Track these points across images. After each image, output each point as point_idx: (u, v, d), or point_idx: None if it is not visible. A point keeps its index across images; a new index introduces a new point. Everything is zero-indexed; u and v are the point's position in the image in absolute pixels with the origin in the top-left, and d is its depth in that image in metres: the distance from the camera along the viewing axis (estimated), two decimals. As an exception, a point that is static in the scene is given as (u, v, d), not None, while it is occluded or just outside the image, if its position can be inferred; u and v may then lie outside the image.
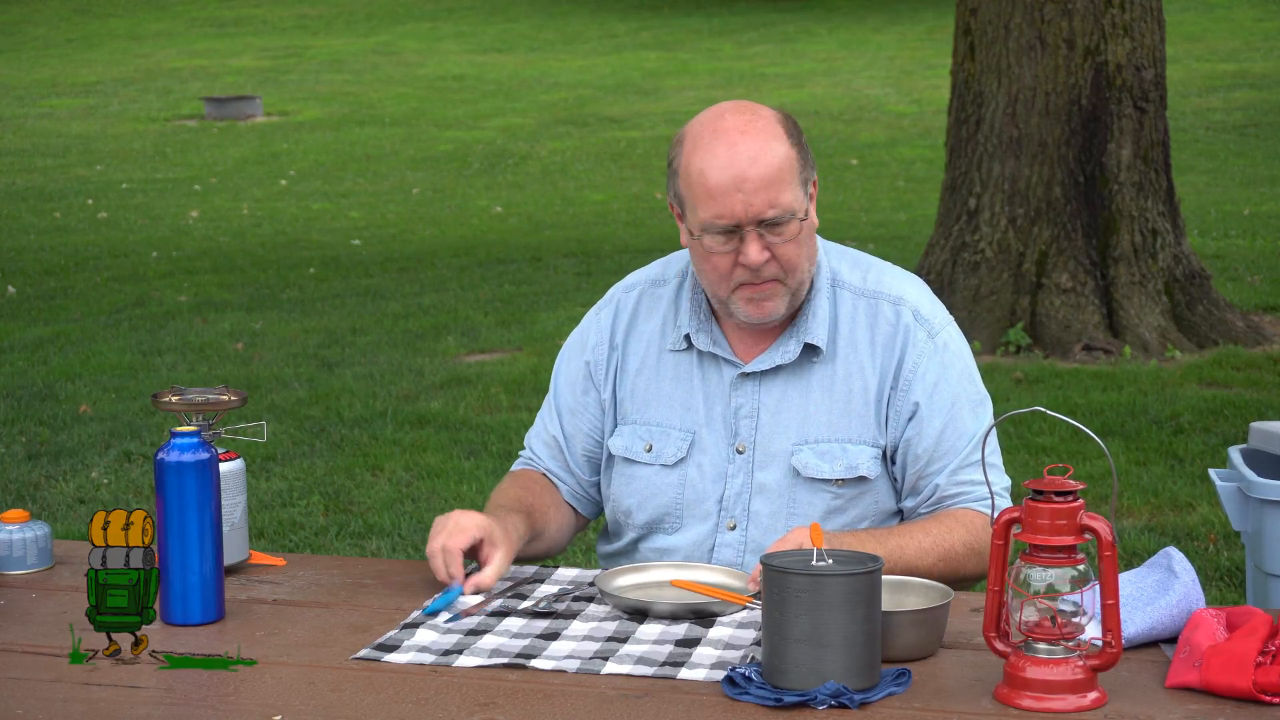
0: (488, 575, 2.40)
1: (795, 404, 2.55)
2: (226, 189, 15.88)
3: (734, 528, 2.56)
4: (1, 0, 31.75)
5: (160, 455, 2.30)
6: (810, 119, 18.07)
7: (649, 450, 2.59)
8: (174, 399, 2.48)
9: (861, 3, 28.53)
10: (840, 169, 15.83)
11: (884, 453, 2.55)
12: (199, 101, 21.20)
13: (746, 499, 2.55)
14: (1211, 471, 3.67)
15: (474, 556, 2.44)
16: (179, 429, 2.32)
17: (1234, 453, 3.62)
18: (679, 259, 2.68)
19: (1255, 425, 3.66)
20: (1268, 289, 9.21)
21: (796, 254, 2.47)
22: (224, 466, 2.45)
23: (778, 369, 2.55)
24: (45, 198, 15.40)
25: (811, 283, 2.55)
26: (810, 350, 2.55)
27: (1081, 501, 1.96)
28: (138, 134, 19.66)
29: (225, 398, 2.49)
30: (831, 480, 2.52)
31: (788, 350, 2.54)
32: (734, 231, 2.44)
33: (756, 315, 2.50)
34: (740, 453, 2.56)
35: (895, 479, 2.58)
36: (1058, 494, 1.95)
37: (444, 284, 10.26)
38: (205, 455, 2.31)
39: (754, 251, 2.44)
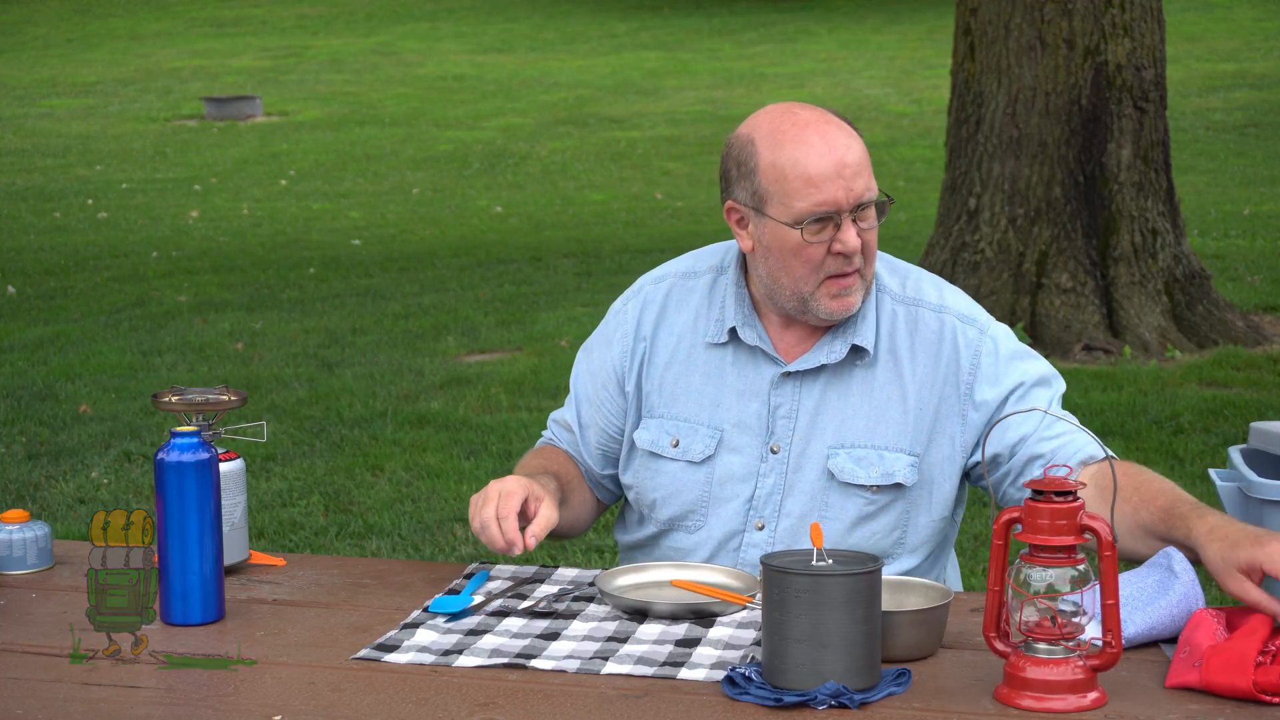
0: (540, 525, 2.40)
1: (834, 407, 2.52)
2: (226, 189, 15.88)
3: (762, 528, 2.53)
4: (2, 0, 31.75)
5: (160, 455, 2.30)
6: (810, 119, 18.04)
7: (675, 445, 2.56)
8: (174, 399, 2.48)
9: (861, 3, 28.53)
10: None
11: (920, 462, 2.50)
12: (199, 101, 21.20)
13: (778, 500, 2.52)
14: (1211, 471, 3.66)
15: (521, 516, 2.44)
16: (179, 429, 2.32)
17: (1234, 453, 3.61)
18: (710, 254, 2.65)
19: (1255, 425, 3.65)
20: (1268, 289, 9.21)
21: (874, 244, 2.48)
22: (224, 466, 2.45)
23: (820, 369, 2.52)
24: (45, 198, 15.40)
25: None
26: (855, 353, 2.52)
27: (1081, 501, 1.96)
28: (138, 134, 19.66)
29: (225, 398, 2.49)
30: (867, 486, 2.49)
31: (834, 351, 2.51)
32: (829, 219, 2.43)
33: (840, 310, 2.48)
34: (774, 453, 2.52)
35: (961, 484, 2.55)
36: (1058, 494, 1.95)
37: (444, 284, 10.26)
38: (205, 455, 2.31)
39: (851, 236, 2.43)
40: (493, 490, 2.43)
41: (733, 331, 2.55)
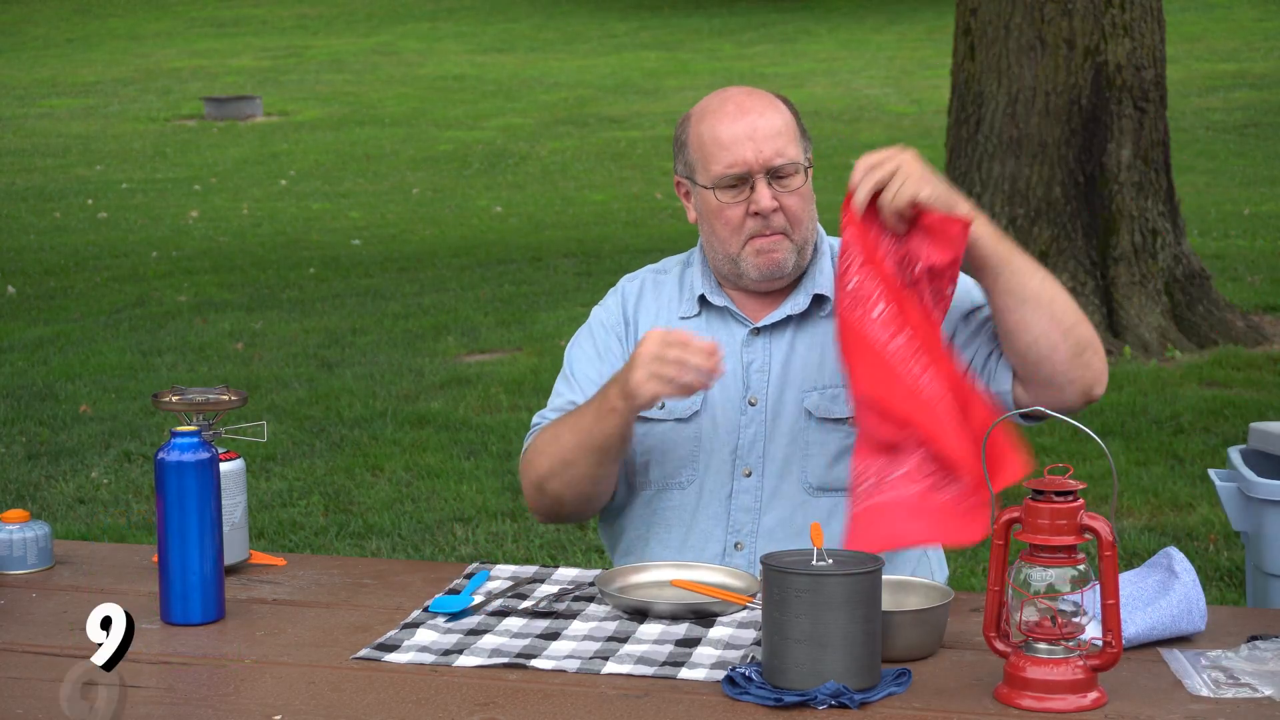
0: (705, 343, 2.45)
1: (802, 355, 2.65)
2: (226, 189, 15.88)
3: (749, 474, 2.63)
4: (2, 0, 31.75)
5: (160, 455, 2.30)
6: (810, 119, 17.99)
7: (661, 407, 2.64)
8: (174, 399, 2.48)
9: (861, 3, 28.53)
10: (840, 169, 15.77)
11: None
12: (199, 101, 21.20)
13: (761, 446, 2.62)
14: (1211, 472, 3.67)
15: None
16: (179, 429, 2.32)
17: (1234, 453, 3.62)
18: (675, 259, 2.82)
19: (1255, 425, 3.66)
20: (1268, 289, 9.21)
21: (801, 207, 2.61)
22: (224, 466, 2.45)
23: (787, 321, 2.66)
24: (45, 198, 15.40)
25: (815, 249, 2.68)
26: (818, 303, 2.66)
27: (1082, 501, 1.97)
28: (138, 134, 19.66)
29: (225, 398, 2.49)
30: (843, 420, 2.59)
31: (797, 303, 2.66)
32: (745, 180, 2.57)
33: (766, 266, 2.62)
34: (753, 404, 2.64)
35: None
36: (1058, 494, 1.95)
37: (444, 284, 10.26)
38: (205, 455, 2.31)
39: (764, 197, 2.58)
40: (656, 339, 2.45)
41: (702, 299, 2.70)
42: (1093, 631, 2.00)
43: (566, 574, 2.52)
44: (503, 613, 2.32)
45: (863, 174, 2.43)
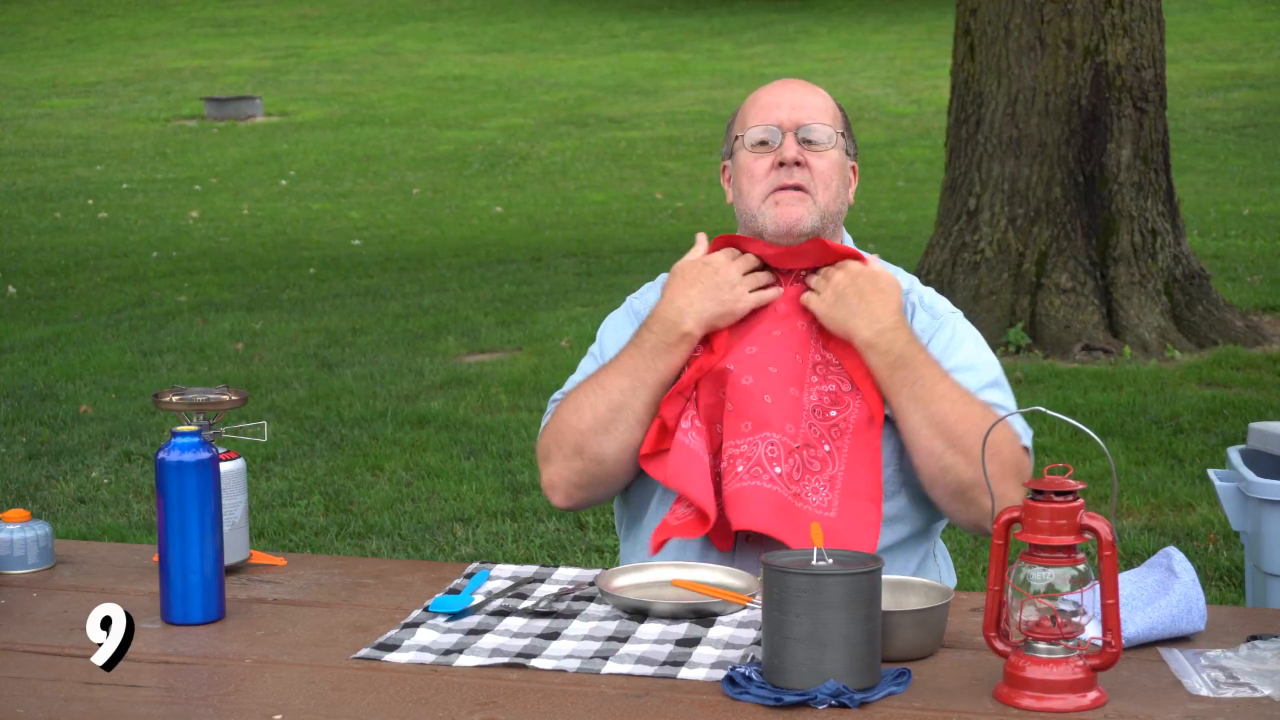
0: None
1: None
2: (226, 189, 15.89)
3: None
4: (2, 0, 31.76)
5: (161, 455, 2.30)
6: (810, 119, 18.05)
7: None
8: (174, 399, 2.48)
9: (861, 3, 28.54)
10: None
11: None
12: (199, 101, 21.21)
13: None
14: (1211, 471, 3.67)
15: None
16: (179, 428, 2.32)
17: (1233, 453, 3.62)
18: None
19: (1254, 425, 3.66)
20: (1268, 289, 9.21)
21: (828, 170, 2.63)
22: (224, 466, 2.45)
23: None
24: (45, 198, 15.41)
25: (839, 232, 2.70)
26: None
27: (1081, 501, 1.96)
28: (138, 134, 19.67)
29: (225, 397, 2.49)
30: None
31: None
32: (774, 138, 2.63)
33: (784, 219, 2.60)
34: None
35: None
36: (1058, 494, 1.95)
37: (444, 284, 10.26)
38: (206, 455, 2.31)
39: (790, 148, 2.62)
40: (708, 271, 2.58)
41: None
42: (1092, 631, 2.00)
43: (566, 574, 2.52)
44: (503, 613, 2.32)
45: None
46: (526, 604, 2.35)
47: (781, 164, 2.60)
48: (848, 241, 2.71)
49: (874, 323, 2.49)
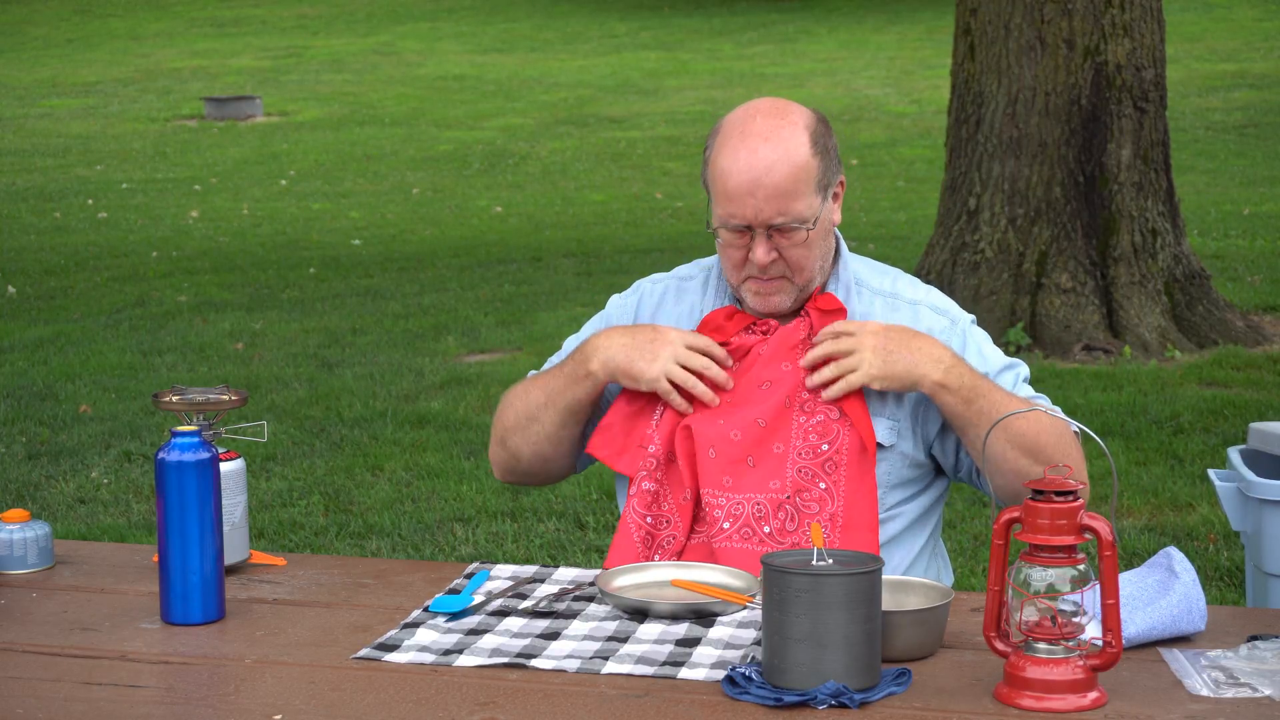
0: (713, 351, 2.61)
1: None
2: (226, 189, 15.88)
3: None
4: (2, 0, 31.75)
5: (161, 455, 2.30)
6: (810, 119, 18.04)
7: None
8: (174, 398, 2.48)
9: (861, 3, 28.52)
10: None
11: (899, 425, 2.59)
12: (199, 101, 21.20)
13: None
14: (1211, 472, 3.67)
15: None
16: (179, 428, 2.32)
17: (1233, 453, 3.62)
18: (699, 265, 2.81)
19: (1255, 425, 3.66)
20: (1268, 289, 9.21)
21: (805, 256, 2.59)
22: (224, 466, 2.45)
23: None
24: (45, 198, 15.40)
25: (830, 279, 2.67)
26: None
27: (1082, 501, 1.96)
28: (138, 134, 19.66)
29: (225, 397, 2.49)
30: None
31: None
32: (746, 230, 2.57)
33: (762, 307, 2.63)
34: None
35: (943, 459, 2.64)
36: (1058, 494, 1.95)
37: (444, 284, 10.26)
38: (206, 455, 2.31)
39: (761, 253, 2.57)
40: (659, 336, 2.61)
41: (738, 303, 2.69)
42: (1093, 631, 2.00)
43: (566, 574, 2.52)
44: (503, 613, 2.32)
45: (825, 341, 2.54)
46: (526, 604, 2.35)
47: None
48: (845, 254, 2.71)
49: (937, 364, 2.50)
